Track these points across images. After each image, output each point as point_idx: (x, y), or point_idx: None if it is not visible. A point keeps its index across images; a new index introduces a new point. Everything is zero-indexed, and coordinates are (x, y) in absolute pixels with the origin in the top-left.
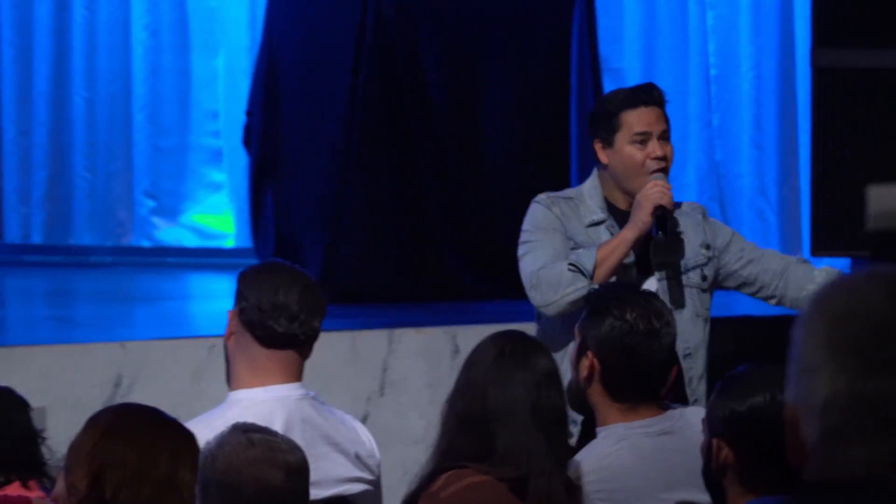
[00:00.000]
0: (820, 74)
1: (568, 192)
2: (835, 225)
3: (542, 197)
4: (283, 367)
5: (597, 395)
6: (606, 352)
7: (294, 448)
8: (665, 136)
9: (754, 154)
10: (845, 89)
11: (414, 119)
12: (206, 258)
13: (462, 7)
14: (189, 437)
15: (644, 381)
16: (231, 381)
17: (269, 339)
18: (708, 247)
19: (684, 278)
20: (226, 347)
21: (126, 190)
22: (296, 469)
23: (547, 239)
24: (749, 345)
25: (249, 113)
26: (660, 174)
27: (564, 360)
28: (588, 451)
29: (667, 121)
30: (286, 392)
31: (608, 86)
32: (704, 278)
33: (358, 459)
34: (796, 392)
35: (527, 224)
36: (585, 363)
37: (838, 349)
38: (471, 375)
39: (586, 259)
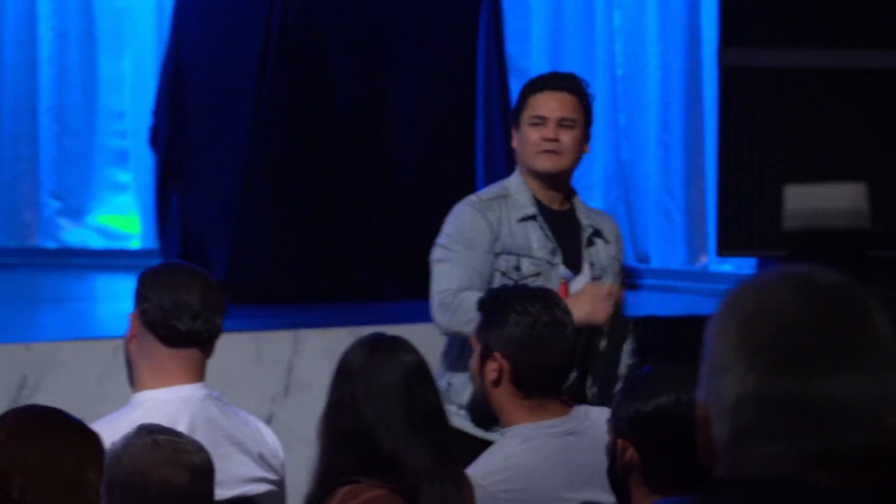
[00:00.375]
0: (727, 74)
1: (494, 189)
2: (740, 225)
3: (473, 200)
4: (187, 366)
5: (504, 395)
6: (515, 348)
7: (199, 449)
8: (565, 124)
9: (661, 154)
10: (752, 89)
11: (319, 119)
12: (112, 259)
13: (368, 7)
14: (94, 438)
15: (552, 373)
16: (134, 383)
17: (172, 338)
18: (617, 256)
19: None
20: (127, 350)
21: (32, 191)
22: (201, 470)
23: (468, 256)
24: (653, 345)
25: (156, 114)
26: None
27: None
28: (493, 451)
29: (577, 110)
30: (190, 392)
31: (514, 86)
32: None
33: (262, 459)
34: (707, 392)
35: (451, 228)
36: (493, 366)
37: (748, 349)
38: (341, 391)
39: None
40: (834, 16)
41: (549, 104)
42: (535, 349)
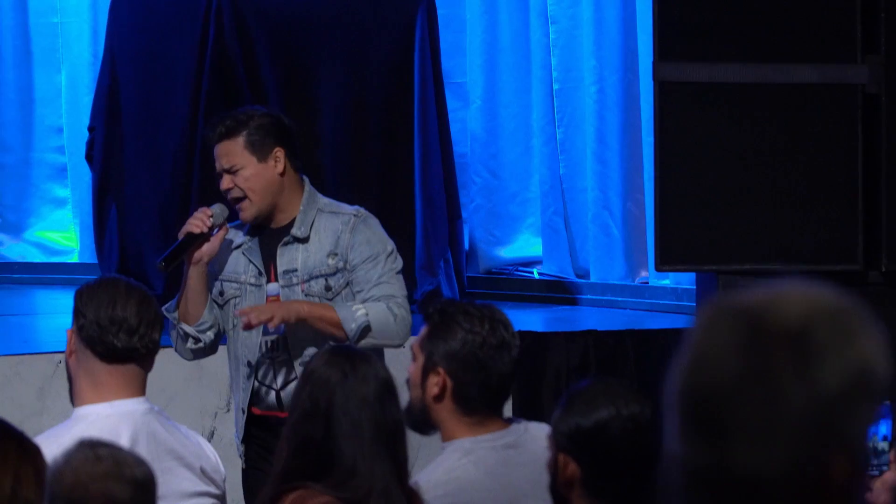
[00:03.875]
0: (662, 88)
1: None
2: (679, 239)
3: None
4: (125, 381)
5: (445, 411)
6: (459, 366)
7: (140, 462)
8: (231, 170)
9: (598, 168)
10: (688, 103)
11: None
12: (51, 274)
13: (301, 20)
14: (33, 454)
15: (494, 393)
16: (74, 398)
17: (109, 354)
18: (335, 255)
19: (305, 287)
20: (67, 365)
21: None
22: (143, 483)
23: None
24: (592, 359)
25: (91, 128)
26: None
27: None
28: (434, 465)
29: (238, 152)
30: (131, 407)
31: (451, 100)
32: (328, 288)
33: (203, 474)
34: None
35: (389, 242)
36: (435, 380)
37: (682, 405)
38: (314, 400)
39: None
40: (771, 30)
41: (217, 160)
42: (480, 370)
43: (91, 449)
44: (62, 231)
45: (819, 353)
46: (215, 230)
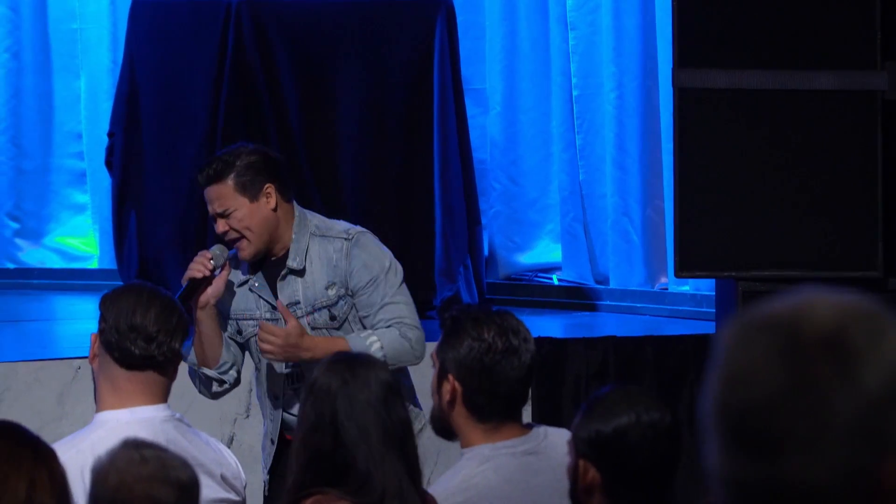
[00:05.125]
0: (682, 95)
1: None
2: (699, 246)
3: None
4: (145, 388)
5: (460, 417)
6: (466, 373)
7: (185, 465)
8: (224, 214)
9: (617, 175)
10: (707, 110)
11: (273, 141)
12: (71, 279)
13: (320, 28)
14: (49, 459)
15: (505, 399)
16: (97, 403)
17: (127, 360)
18: (334, 285)
19: (310, 319)
20: (92, 369)
21: None
22: (187, 486)
23: None
24: (612, 366)
25: (111, 134)
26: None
27: None
28: (453, 472)
29: (229, 195)
30: (152, 413)
31: (470, 106)
32: (333, 318)
33: (224, 481)
34: (704, 444)
35: (386, 257)
36: (447, 387)
37: (723, 422)
38: (319, 411)
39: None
40: (790, 37)
41: (209, 204)
42: (487, 377)
43: (136, 450)
44: (81, 237)
45: (857, 355)
46: (217, 271)
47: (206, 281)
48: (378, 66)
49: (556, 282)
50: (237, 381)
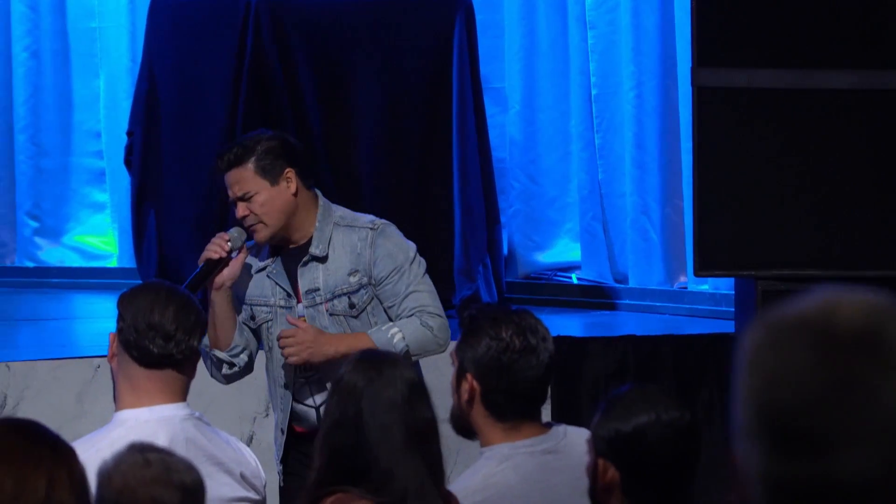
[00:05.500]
0: (701, 94)
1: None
2: (718, 245)
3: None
4: (164, 386)
5: (479, 416)
6: (484, 372)
7: (190, 468)
8: (245, 197)
9: (636, 174)
10: (726, 108)
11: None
12: (90, 278)
13: (339, 26)
14: (68, 457)
15: (524, 398)
16: (116, 401)
17: (145, 359)
18: (356, 272)
19: (329, 306)
20: (111, 368)
21: (9, 211)
22: (192, 489)
23: None
24: (631, 365)
25: (130, 133)
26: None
27: None
28: (472, 471)
29: (249, 179)
30: (171, 412)
31: (489, 105)
32: (352, 306)
33: (243, 479)
34: (737, 445)
35: (410, 248)
36: (465, 386)
37: (765, 422)
38: (343, 409)
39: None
40: (809, 36)
41: (229, 188)
42: (504, 375)
43: (141, 453)
44: (101, 235)
45: (893, 348)
46: (234, 254)
47: (223, 263)
48: (397, 64)
49: (575, 281)
50: (249, 367)
